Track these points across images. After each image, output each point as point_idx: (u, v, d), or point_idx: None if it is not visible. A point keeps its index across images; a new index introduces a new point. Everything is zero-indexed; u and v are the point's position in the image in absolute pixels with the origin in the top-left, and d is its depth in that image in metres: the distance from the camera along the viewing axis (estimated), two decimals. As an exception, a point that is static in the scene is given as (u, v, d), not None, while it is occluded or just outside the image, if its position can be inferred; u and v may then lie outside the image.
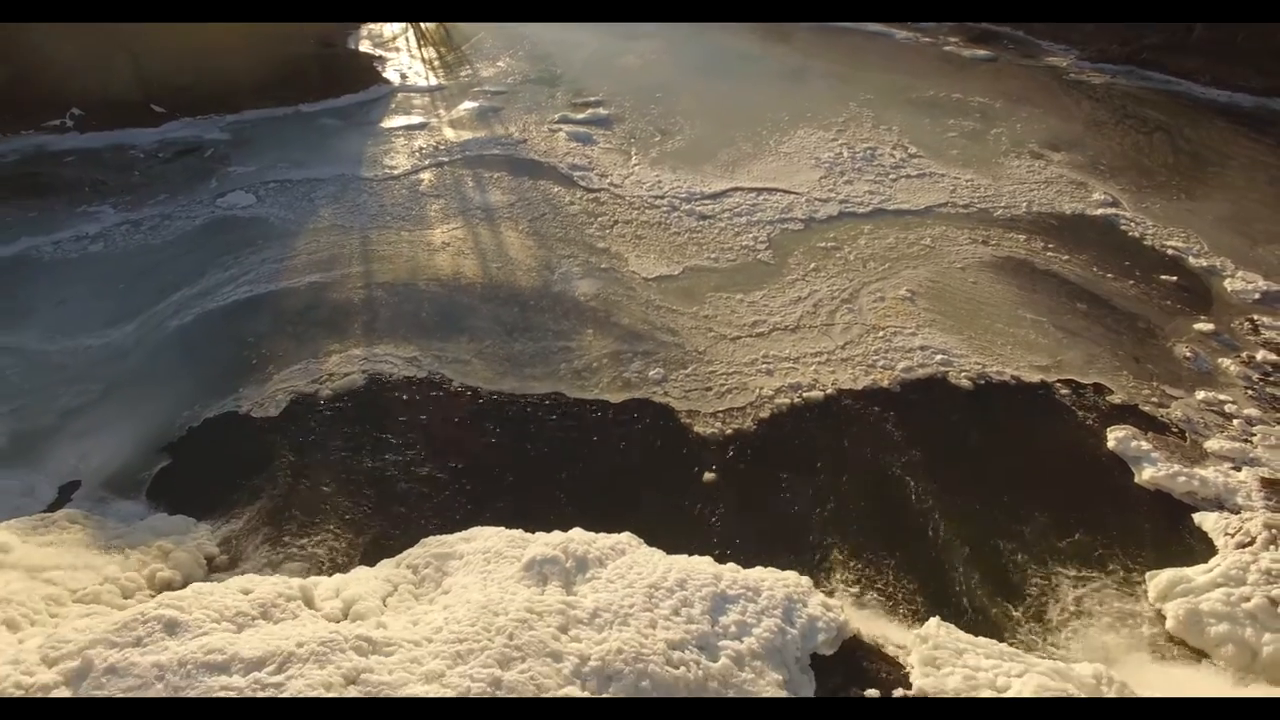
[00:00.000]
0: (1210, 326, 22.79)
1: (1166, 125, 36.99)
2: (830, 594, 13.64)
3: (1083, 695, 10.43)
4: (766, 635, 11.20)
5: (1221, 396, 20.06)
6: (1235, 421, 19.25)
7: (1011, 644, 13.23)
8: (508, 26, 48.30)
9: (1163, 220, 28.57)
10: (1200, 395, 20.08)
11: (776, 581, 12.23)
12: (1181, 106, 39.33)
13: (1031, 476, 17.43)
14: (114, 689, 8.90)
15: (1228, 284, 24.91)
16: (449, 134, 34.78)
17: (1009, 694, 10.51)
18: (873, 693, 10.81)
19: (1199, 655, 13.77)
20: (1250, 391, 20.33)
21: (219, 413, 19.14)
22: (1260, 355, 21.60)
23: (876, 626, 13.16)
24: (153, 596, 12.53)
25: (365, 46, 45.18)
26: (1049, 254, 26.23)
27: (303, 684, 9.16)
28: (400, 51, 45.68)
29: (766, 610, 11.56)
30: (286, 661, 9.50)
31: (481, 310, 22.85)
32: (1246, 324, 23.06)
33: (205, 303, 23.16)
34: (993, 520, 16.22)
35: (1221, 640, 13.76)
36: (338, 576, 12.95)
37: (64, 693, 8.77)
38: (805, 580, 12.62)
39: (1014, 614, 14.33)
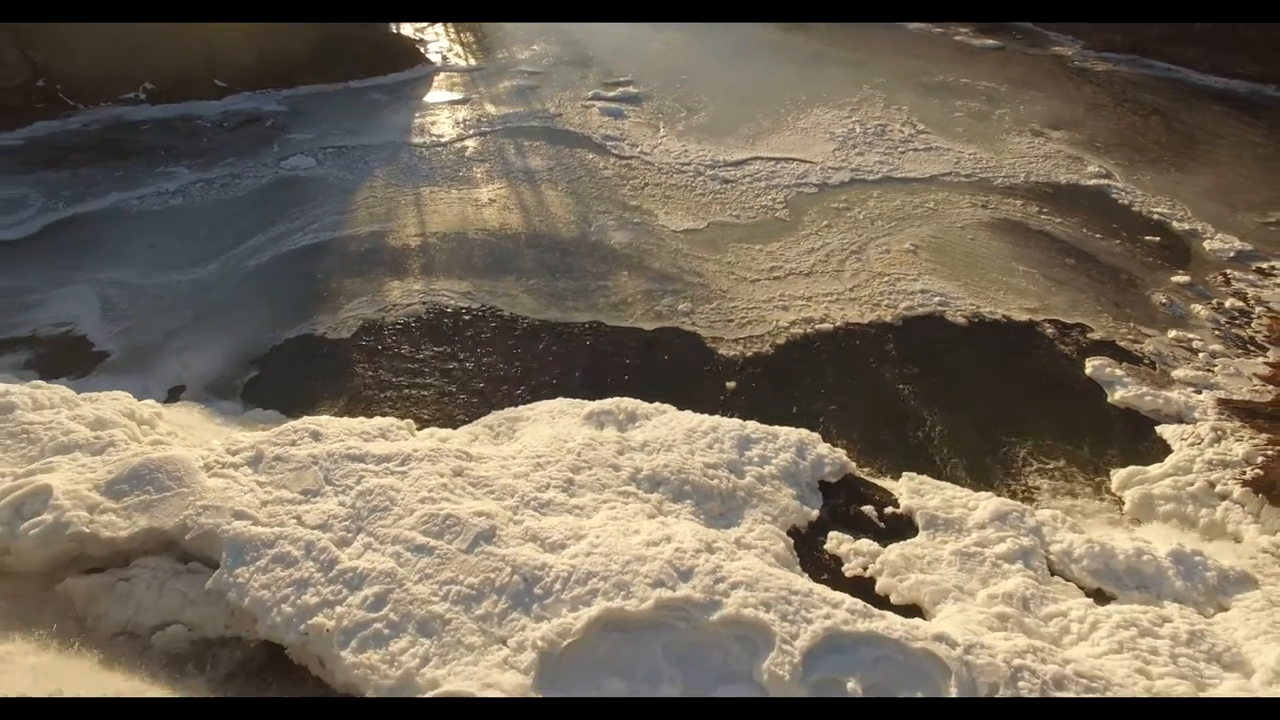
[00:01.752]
0: (1187, 279, 25.06)
1: (1163, 108, 39.15)
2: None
3: (1040, 517, 12.81)
4: (783, 464, 13.78)
5: (1191, 335, 22.33)
6: (1200, 355, 21.53)
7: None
8: (539, 14, 50.96)
9: (1151, 190, 30.81)
10: (1172, 334, 22.36)
11: (791, 432, 14.83)
12: (1179, 92, 41.45)
13: (1014, 392, 19.85)
14: (283, 469, 11.54)
15: (1206, 244, 27.14)
16: (490, 108, 37.60)
17: (975, 512, 13.00)
18: (868, 509, 13.35)
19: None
20: (1217, 332, 22.59)
21: (298, 334, 21.90)
22: (1229, 303, 23.86)
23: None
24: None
25: (407, 30, 48.10)
26: (1043, 217, 28.57)
27: (421, 472, 11.76)
28: (439, 36, 48.60)
29: (783, 449, 14.14)
30: (407, 459, 12.12)
31: (526, 255, 25.54)
32: (1220, 278, 25.30)
33: (278, 247, 26.01)
34: (977, 423, 18.66)
35: (1167, 516, 16.10)
36: (429, 429, 15.63)
37: (247, 470, 11.42)
38: (815, 434, 15.20)
39: (990, 491, 16.71)
